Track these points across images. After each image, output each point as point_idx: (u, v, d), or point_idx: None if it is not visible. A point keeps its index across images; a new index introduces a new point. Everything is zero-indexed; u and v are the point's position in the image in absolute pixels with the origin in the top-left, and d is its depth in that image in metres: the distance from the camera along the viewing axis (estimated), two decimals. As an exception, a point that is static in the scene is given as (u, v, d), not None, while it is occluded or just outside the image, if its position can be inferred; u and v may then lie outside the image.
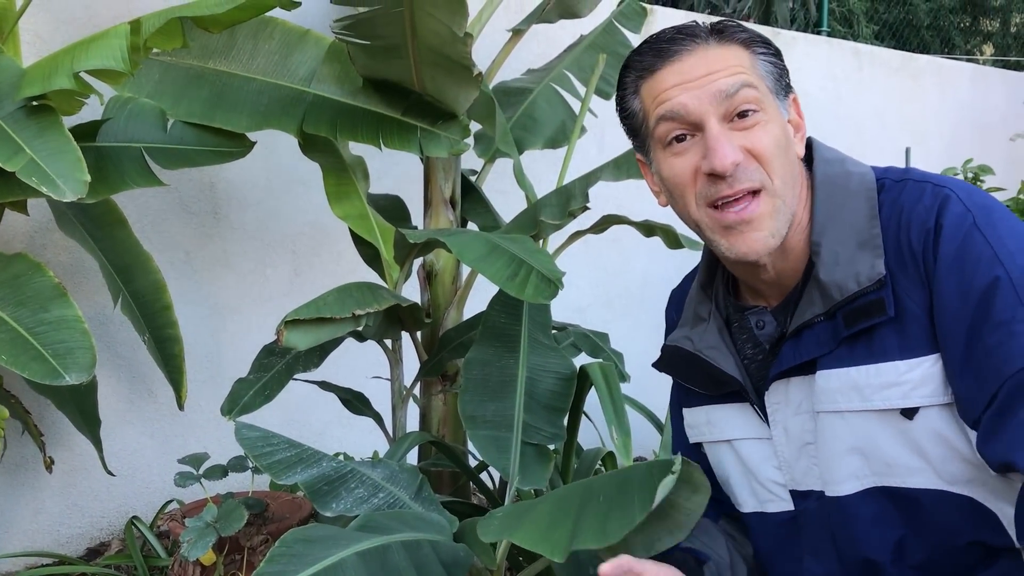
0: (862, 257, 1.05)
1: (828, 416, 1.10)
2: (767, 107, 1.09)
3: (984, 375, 0.96)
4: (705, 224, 1.12)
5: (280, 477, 1.60)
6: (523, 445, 1.82)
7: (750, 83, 1.07)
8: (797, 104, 1.15)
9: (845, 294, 1.05)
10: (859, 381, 1.06)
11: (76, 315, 1.82)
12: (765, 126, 1.08)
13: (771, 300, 1.18)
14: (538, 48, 3.38)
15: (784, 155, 1.09)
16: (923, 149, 4.84)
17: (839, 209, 1.09)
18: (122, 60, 1.71)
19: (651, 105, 1.12)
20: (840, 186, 1.11)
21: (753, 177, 1.07)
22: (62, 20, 2.62)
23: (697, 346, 1.22)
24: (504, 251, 1.81)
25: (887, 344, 1.04)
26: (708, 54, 1.09)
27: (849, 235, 1.07)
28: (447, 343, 2.34)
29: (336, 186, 2.33)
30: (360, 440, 3.09)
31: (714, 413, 1.26)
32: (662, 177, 1.15)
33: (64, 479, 2.71)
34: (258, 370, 2.08)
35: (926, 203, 1.04)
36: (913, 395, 1.03)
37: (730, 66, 1.08)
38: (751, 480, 1.22)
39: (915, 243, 1.03)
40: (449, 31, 1.92)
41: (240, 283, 3.00)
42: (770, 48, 1.13)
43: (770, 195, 1.07)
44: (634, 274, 3.91)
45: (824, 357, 1.09)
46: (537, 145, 2.75)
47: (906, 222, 1.04)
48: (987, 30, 9.10)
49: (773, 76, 1.12)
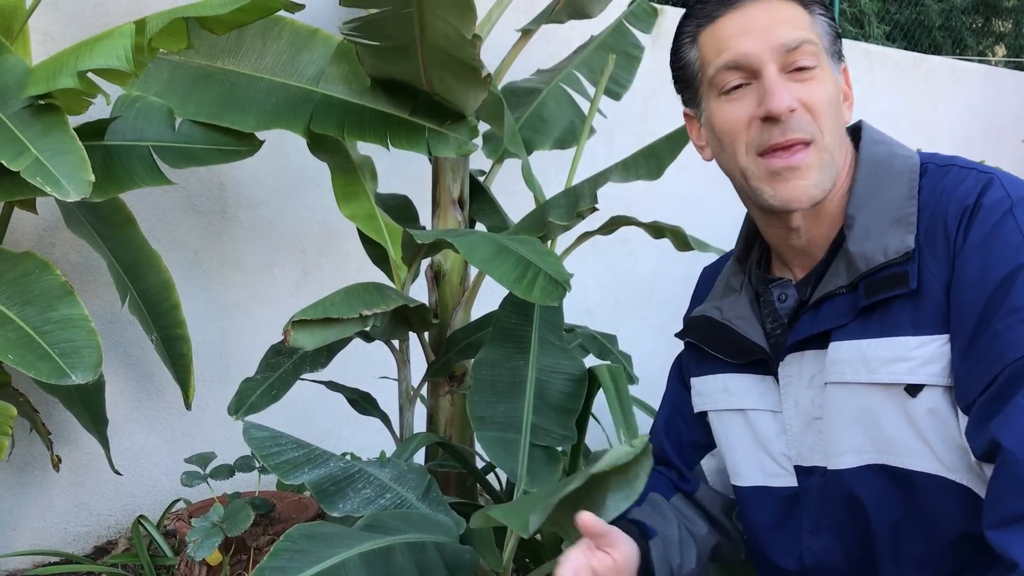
0: (894, 232, 1.06)
1: (835, 388, 1.10)
2: (824, 64, 1.10)
3: (987, 358, 0.96)
4: (751, 172, 1.12)
5: (287, 477, 1.59)
6: (532, 447, 1.80)
7: (810, 39, 1.09)
8: (847, 74, 1.16)
9: (870, 265, 1.06)
10: (868, 353, 1.06)
11: (83, 314, 1.81)
12: (821, 82, 1.09)
13: (797, 272, 1.19)
14: (548, 48, 3.37)
15: (835, 113, 1.10)
16: (935, 150, 4.78)
17: (880, 186, 1.11)
18: (126, 60, 1.71)
19: (711, 52, 1.13)
20: (884, 165, 1.13)
21: (805, 128, 1.08)
22: (72, 18, 2.62)
23: (726, 315, 1.24)
24: (512, 252, 1.80)
25: (900, 319, 1.04)
26: (772, 6, 1.10)
27: (885, 211, 1.08)
28: (455, 344, 2.33)
29: (344, 186, 2.33)
30: (367, 440, 3.08)
31: (732, 382, 1.26)
32: (713, 125, 1.16)
33: (71, 477, 2.71)
34: (265, 370, 2.08)
35: (968, 185, 1.05)
36: (919, 372, 1.03)
37: (792, 20, 1.09)
38: (760, 452, 1.22)
39: (950, 220, 1.03)
40: (458, 33, 1.92)
41: (248, 282, 3.00)
42: (827, 13, 1.14)
43: (819, 148, 1.08)
44: (643, 275, 3.90)
45: (839, 329, 1.10)
46: (546, 146, 2.74)
47: (944, 201, 1.05)
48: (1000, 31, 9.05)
49: (829, 37, 1.13)
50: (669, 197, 3.69)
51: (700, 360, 1.32)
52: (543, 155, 2.86)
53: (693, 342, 1.33)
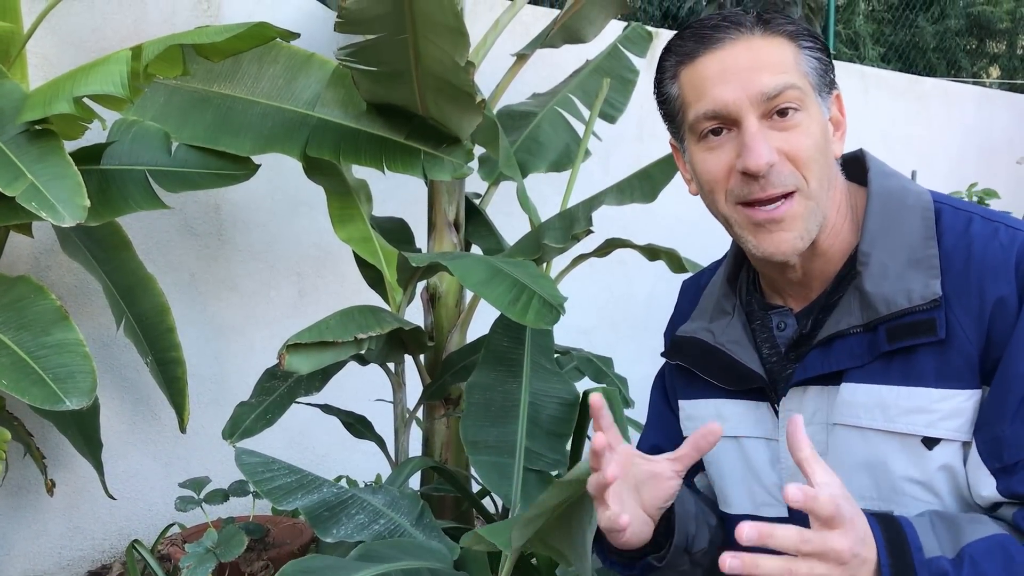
0: (914, 275, 1.03)
1: (845, 430, 1.07)
2: (808, 106, 1.05)
3: None
4: (734, 220, 1.09)
5: (281, 503, 1.59)
6: (525, 471, 1.80)
7: (793, 84, 1.03)
8: (840, 101, 1.11)
9: (892, 309, 1.03)
10: (887, 400, 1.03)
11: (77, 339, 1.81)
12: (806, 128, 1.04)
13: (794, 302, 1.16)
14: (544, 72, 3.39)
15: (822, 157, 1.05)
16: (929, 172, 4.83)
17: (893, 223, 1.07)
18: (122, 86, 1.72)
19: (690, 94, 1.09)
20: (897, 200, 1.09)
21: (787, 180, 1.04)
22: (69, 43, 2.64)
23: (719, 339, 1.19)
24: (506, 276, 1.81)
25: (925, 368, 1.01)
26: (752, 45, 1.05)
27: (901, 250, 1.05)
28: (450, 366, 2.33)
29: (340, 209, 2.33)
30: (363, 463, 3.07)
31: (726, 407, 1.21)
32: (695, 170, 1.13)
33: (66, 501, 2.70)
34: (260, 394, 2.07)
35: (1003, 241, 1.01)
36: (940, 425, 1.00)
37: (774, 63, 1.04)
38: (752, 481, 1.19)
39: (988, 280, 1.00)
40: (451, 59, 1.93)
41: (244, 304, 3.00)
42: (816, 43, 1.08)
43: (804, 197, 1.04)
44: (639, 296, 3.90)
45: (854, 370, 1.06)
46: (542, 168, 2.75)
47: (979, 257, 1.01)
48: (993, 52, 9.10)
49: (817, 72, 1.07)
50: (665, 218, 3.70)
51: (689, 382, 1.27)
52: (539, 177, 2.87)
53: (683, 365, 1.28)
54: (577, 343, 3.38)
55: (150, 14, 2.77)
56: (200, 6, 2.86)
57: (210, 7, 2.87)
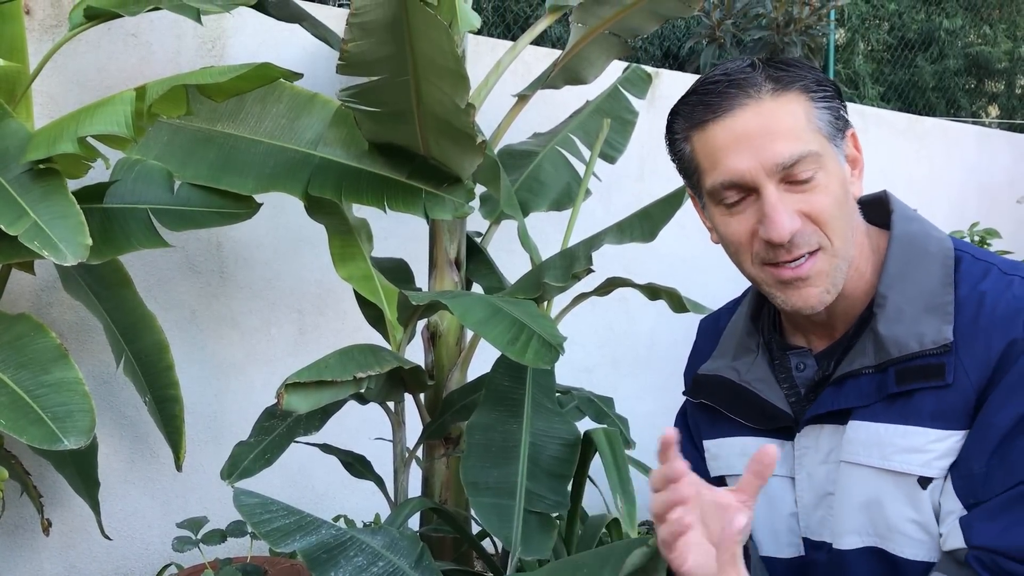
0: (928, 320, 1.04)
1: (849, 467, 1.09)
2: (826, 163, 1.04)
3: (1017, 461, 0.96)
4: (761, 279, 1.10)
5: (278, 545, 1.57)
6: (526, 513, 1.79)
7: (808, 152, 1.02)
8: (855, 139, 1.10)
9: (903, 352, 1.04)
10: (884, 439, 1.04)
11: (76, 377, 1.81)
12: (824, 186, 1.04)
13: (816, 343, 1.16)
14: (545, 111, 3.41)
15: (842, 211, 1.05)
16: (929, 211, 4.80)
17: (913, 268, 1.08)
18: (126, 126, 1.73)
19: (705, 162, 1.08)
20: (919, 246, 1.09)
21: (811, 241, 1.04)
22: (74, 83, 2.67)
23: (744, 377, 1.19)
24: (506, 315, 1.81)
25: (922, 409, 1.03)
26: (762, 110, 1.03)
27: (918, 295, 1.06)
28: (450, 405, 2.32)
29: (341, 248, 2.34)
30: (362, 503, 3.05)
31: (752, 446, 1.20)
32: (719, 232, 1.13)
33: (62, 540, 2.68)
34: (259, 433, 2.06)
35: (1016, 294, 1.02)
36: (934, 465, 1.01)
37: (786, 129, 1.02)
38: (775, 520, 1.20)
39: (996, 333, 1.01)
40: (452, 102, 1.95)
41: (245, 342, 2.99)
42: (828, 89, 1.07)
43: (828, 254, 1.05)
44: (641, 335, 3.90)
45: (861, 409, 1.07)
46: (542, 207, 2.76)
47: (990, 308, 1.02)
48: (992, 92, 9.17)
49: (831, 122, 1.06)
50: (666, 256, 3.71)
51: (713, 421, 1.27)
52: (540, 216, 2.88)
53: (707, 403, 1.27)
54: (578, 381, 3.36)
55: (155, 54, 2.80)
56: (205, 46, 2.89)
57: (214, 47, 2.90)
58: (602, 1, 2.53)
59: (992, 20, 8.92)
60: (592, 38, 2.64)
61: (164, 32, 2.82)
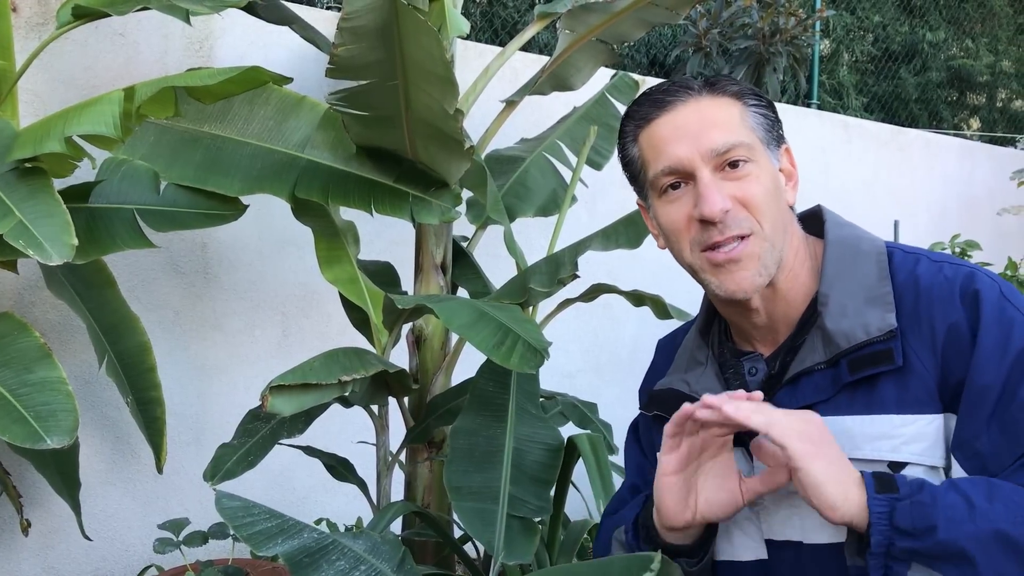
0: (871, 311, 1.10)
1: None
2: (758, 158, 1.15)
3: (1019, 428, 1.00)
4: (698, 266, 1.18)
5: (260, 548, 1.57)
6: (509, 518, 1.79)
7: (740, 141, 1.13)
8: (790, 154, 1.20)
9: (852, 342, 1.09)
10: (853, 429, 1.08)
11: (60, 376, 1.80)
12: (756, 177, 1.14)
13: (762, 347, 1.22)
14: (532, 117, 3.42)
15: (774, 203, 1.15)
16: (911, 222, 4.89)
17: (849, 266, 1.15)
18: (114, 127, 1.73)
19: (649, 154, 1.18)
20: (851, 246, 1.17)
21: (742, 224, 1.13)
22: (61, 81, 2.65)
23: (693, 388, 1.25)
24: (491, 319, 1.81)
25: (885, 396, 1.08)
26: (700, 105, 1.15)
27: (858, 290, 1.12)
28: (435, 409, 2.32)
29: (327, 250, 2.34)
30: (345, 506, 3.05)
31: None
32: (659, 223, 1.22)
33: (41, 541, 2.66)
34: (242, 435, 2.06)
35: (947, 275, 1.10)
36: (903, 449, 1.06)
37: (721, 121, 1.14)
38: (730, 525, 1.22)
39: (936, 308, 1.07)
40: (441, 107, 1.95)
41: (228, 344, 2.98)
42: (761, 100, 1.18)
43: (759, 238, 1.13)
44: (625, 341, 3.91)
45: (822, 404, 1.12)
46: (529, 213, 2.77)
47: (926, 292, 1.09)
48: (974, 104, 9.26)
49: (764, 127, 1.17)
50: (651, 263, 3.71)
51: None
52: (526, 221, 2.89)
53: (660, 415, 1.31)
54: (562, 387, 3.37)
55: (142, 54, 2.79)
56: (192, 47, 2.88)
57: (202, 48, 2.90)
58: (590, 8, 2.54)
59: (974, 34, 9.02)
60: (580, 45, 2.65)
61: (152, 32, 2.81)
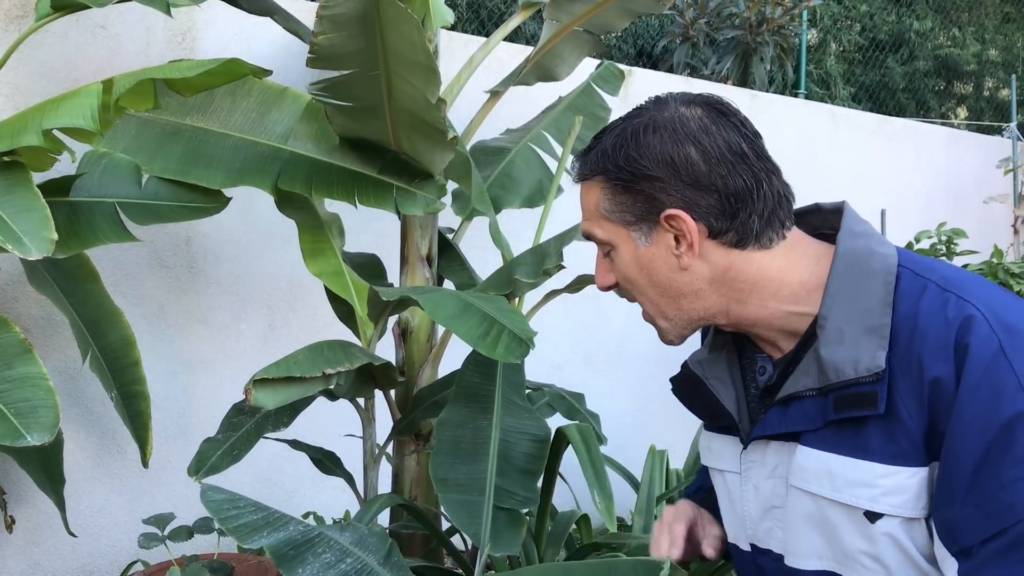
0: (866, 343, 1.02)
1: (799, 493, 1.10)
2: (614, 238, 1.14)
3: (993, 508, 0.94)
4: None
5: (246, 541, 1.56)
6: (495, 509, 1.79)
7: (592, 231, 1.16)
8: (674, 218, 1.08)
9: (840, 378, 1.03)
10: (835, 470, 1.04)
11: (41, 372, 1.78)
12: (622, 256, 1.15)
13: (771, 352, 1.17)
14: (518, 107, 3.41)
15: (646, 278, 1.14)
16: (898, 211, 4.90)
17: (855, 287, 1.06)
18: (92, 119, 1.71)
19: None
20: (862, 263, 1.07)
21: (629, 296, 1.18)
22: (41, 74, 2.63)
23: (705, 372, 1.22)
24: (477, 310, 1.80)
25: (872, 443, 1.02)
26: (582, 189, 1.18)
27: (859, 316, 1.04)
28: (421, 402, 2.31)
29: (311, 243, 2.33)
30: (332, 500, 3.04)
31: (714, 441, 1.27)
32: None
33: (26, 537, 2.64)
34: (227, 429, 2.05)
35: (948, 316, 1.00)
36: (881, 501, 1.02)
37: (585, 209, 1.17)
38: (732, 513, 1.24)
39: (926, 358, 0.99)
40: (423, 96, 1.94)
41: (214, 338, 2.97)
42: (623, 175, 1.10)
43: (646, 312, 1.18)
44: (612, 332, 3.91)
45: (809, 433, 1.08)
46: (515, 204, 2.76)
47: (922, 332, 1.00)
48: (961, 93, 9.29)
49: (622, 209, 1.11)
50: (638, 254, 3.72)
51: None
52: (513, 213, 2.88)
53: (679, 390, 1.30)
54: (550, 378, 3.37)
55: (124, 47, 2.77)
56: (175, 39, 2.86)
57: (184, 40, 2.87)
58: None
59: (961, 23, 9.04)
60: (564, 35, 2.64)
61: (133, 24, 2.78)
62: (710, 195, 1.07)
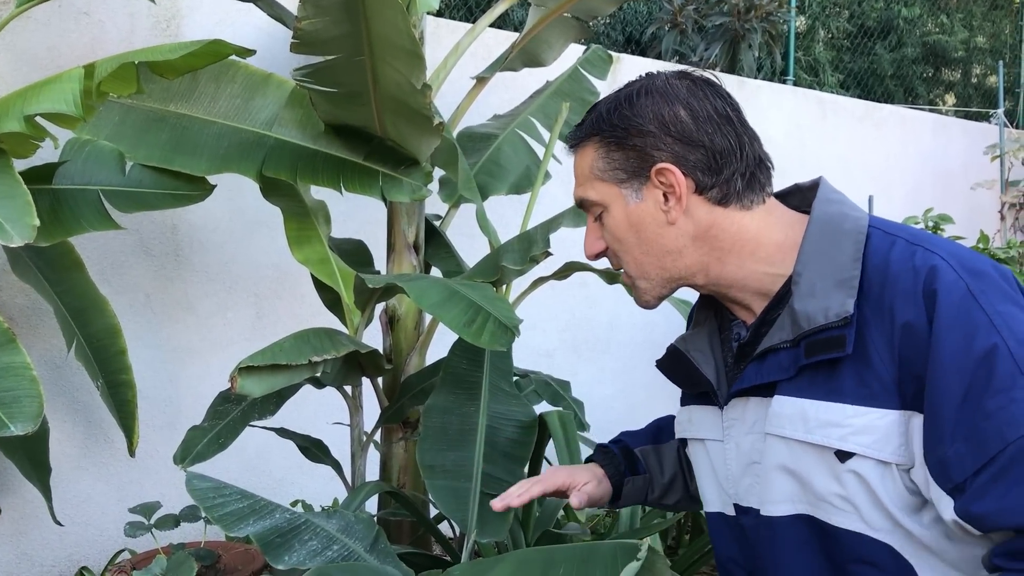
0: (836, 294, 1.08)
1: (774, 439, 1.14)
2: (607, 200, 1.20)
3: (981, 438, 0.97)
4: None
5: (231, 529, 1.56)
6: (482, 496, 1.78)
7: (586, 196, 1.22)
8: (664, 172, 1.16)
9: (811, 325, 1.09)
10: (808, 413, 1.09)
11: (24, 362, 1.77)
12: (613, 217, 1.21)
13: (744, 317, 1.24)
14: (505, 94, 3.40)
15: (634, 235, 1.20)
16: (886, 197, 4.91)
17: (827, 245, 1.13)
18: (74, 104, 1.69)
19: None
20: (834, 225, 1.15)
21: (615, 262, 1.25)
22: (24, 61, 2.60)
23: (687, 346, 1.29)
24: (463, 297, 1.80)
25: (844, 385, 1.07)
26: (576, 155, 1.25)
27: (830, 271, 1.11)
28: (408, 389, 2.31)
29: (297, 230, 2.32)
30: (320, 488, 3.03)
31: (695, 412, 1.32)
32: None
33: (13, 527, 2.63)
34: (213, 417, 2.04)
35: (916, 265, 1.05)
36: (850, 439, 1.06)
37: (579, 174, 1.24)
38: (713, 480, 1.28)
39: (897, 304, 1.04)
40: (408, 82, 1.93)
41: (201, 326, 2.96)
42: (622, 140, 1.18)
43: (628, 273, 1.23)
44: (601, 320, 3.91)
45: (784, 383, 1.13)
46: (502, 191, 2.75)
47: (892, 280, 1.06)
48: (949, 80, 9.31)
49: (615, 167, 1.19)
50: (626, 241, 3.72)
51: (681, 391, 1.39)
52: (500, 199, 2.87)
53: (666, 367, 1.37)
54: (538, 365, 3.37)
55: (108, 33, 2.74)
56: (159, 25, 2.83)
57: (169, 26, 2.85)
58: (561, -17, 2.52)
59: (949, 9, 9.04)
60: (551, 20, 2.62)
61: (117, 10, 2.76)
62: (697, 150, 1.15)
